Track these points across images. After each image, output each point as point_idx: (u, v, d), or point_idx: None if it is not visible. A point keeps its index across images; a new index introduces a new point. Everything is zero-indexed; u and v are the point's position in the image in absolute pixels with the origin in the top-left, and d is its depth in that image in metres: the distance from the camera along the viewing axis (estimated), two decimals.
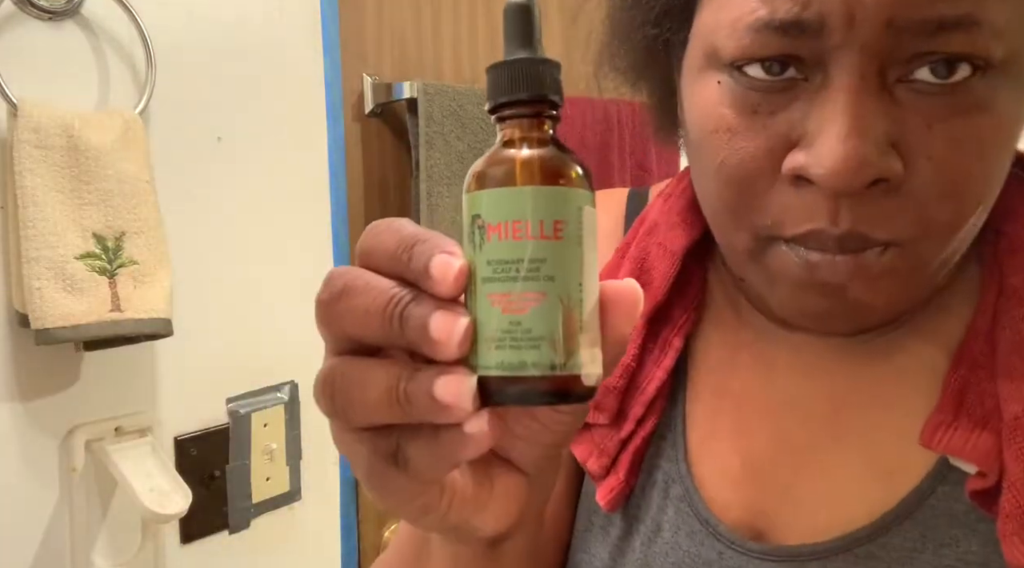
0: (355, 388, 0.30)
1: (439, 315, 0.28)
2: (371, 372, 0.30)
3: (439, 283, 0.29)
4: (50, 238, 0.84)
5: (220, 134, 1.04)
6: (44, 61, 0.89)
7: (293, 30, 1.12)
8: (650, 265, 0.52)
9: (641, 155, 1.52)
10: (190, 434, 1.03)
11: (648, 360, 0.51)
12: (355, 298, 0.30)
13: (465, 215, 0.31)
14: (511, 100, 0.31)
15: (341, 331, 0.31)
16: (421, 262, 0.29)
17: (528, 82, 0.30)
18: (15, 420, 0.88)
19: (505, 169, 0.30)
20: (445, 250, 0.29)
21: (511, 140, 0.31)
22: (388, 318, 0.29)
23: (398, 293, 0.29)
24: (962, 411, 0.41)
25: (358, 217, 1.24)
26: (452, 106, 1.24)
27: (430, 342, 0.28)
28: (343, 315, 0.31)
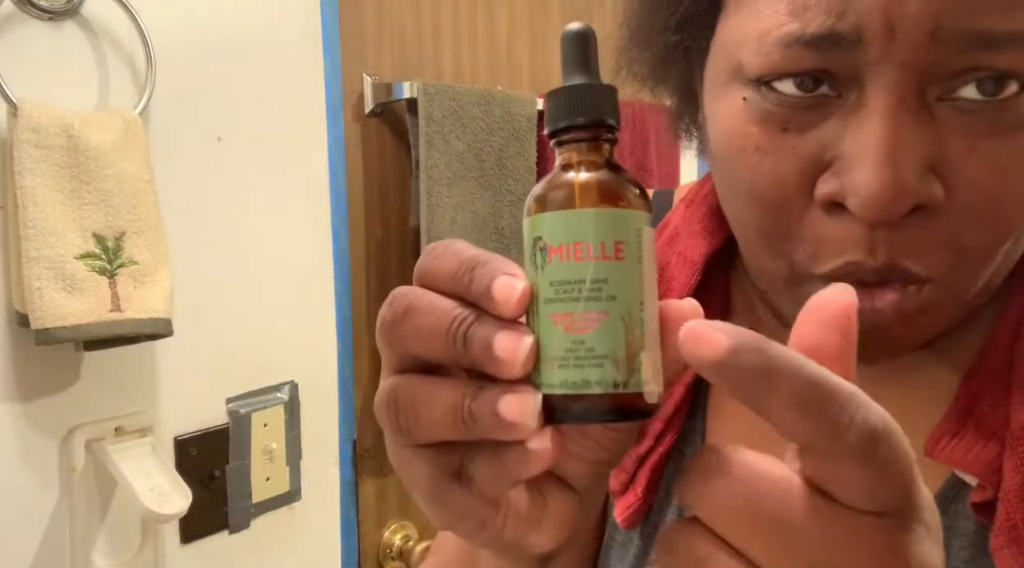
0: (420, 405, 0.31)
1: (503, 334, 0.29)
2: (436, 390, 0.30)
3: (503, 304, 0.29)
4: (50, 238, 0.84)
5: (220, 134, 1.04)
6: (44, 61, 0.89)
7: (293, 30, 1.12)
8: (670, 275, 0.50)
9: (641, 155, 1.52)
10: (190, 434, 1.03)
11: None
12: (419, 318, 0.30)
13: (527, 238, 0.31)
14: (570, 125, 0.31)
15: (405, 350, 0.32)
16: (483, 284, 0.29)
17: (586, 107, 0.31)
18: (15, 420, 0.88)
19: (565, 192, 0.30)
20: (507, 272, 0.29)
21: (570, 164, 0.31)
22: (452, 337, 0.29)
23: (461, 313, 0.30)
24: (970, 421, 0.40)
25: (358, 217, 1.24)
26: (452, 106, 1.24)
27: (495, 361, 0.29)
28: (407, 335, 0.31)
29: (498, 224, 1.31)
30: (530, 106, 1.33)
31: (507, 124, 1.30)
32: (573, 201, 0.30)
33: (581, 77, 0.32)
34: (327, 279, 1.19)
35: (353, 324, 1.22)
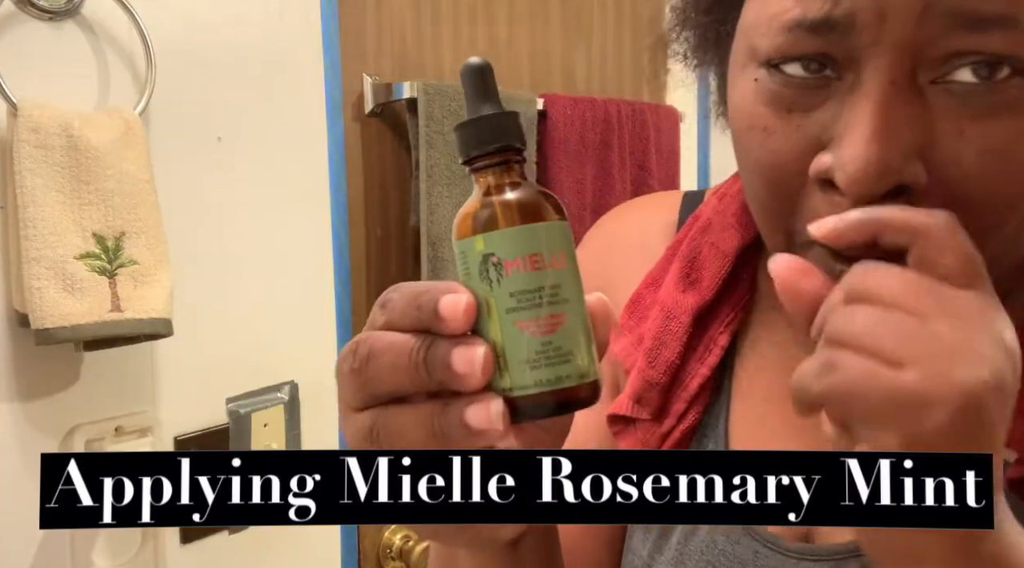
0: (395, 438, 0.34)
1: (458, 350, 0.32)
2: (406, 418, 0.34)
3: (451, 320, 0.32)
4: (50, 238, 0.84)
5: (220, 134, 1.04)
6: (44, 61, 0.89)
7: (293, 30, 1.12)
8: (701, 264, 0.53)
9: (641, 155, 1.52)
10: (190, 434, 1.03)
11: (692, 358, 0.51)
12: (381, 357, 0.33)
13: (470, 256, 0.34)
14: (485, 152, 0.34)
15: (374, 390, 0.34)
16: (430, 308, 0.32)
17: (496, 134, 0.34)
18: (15, 420, 0.88)
19: (508, 211, 0.33)
20: (448, 291, 0.32)
21: (492, 186, 0.34)
22: (415, 366, 0.32)
23: (417, 342, 0.32)
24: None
25: (358, 217, 1.24)
26: (452, 106, 1.24)
27: (456, 376, 0.32)
28: (374, 376, 0.34)
29: None
30: (530, 106, 1.34)
31: None
32: (517, 218, 0.33)
33: (487, 107, 0.35)
34: (327, 279, 1.19)
35: (353, 324, 1.23)
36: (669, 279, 0.54)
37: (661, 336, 0.52)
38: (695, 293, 0.52)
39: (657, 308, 0.53)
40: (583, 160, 1.41)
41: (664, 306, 0.53)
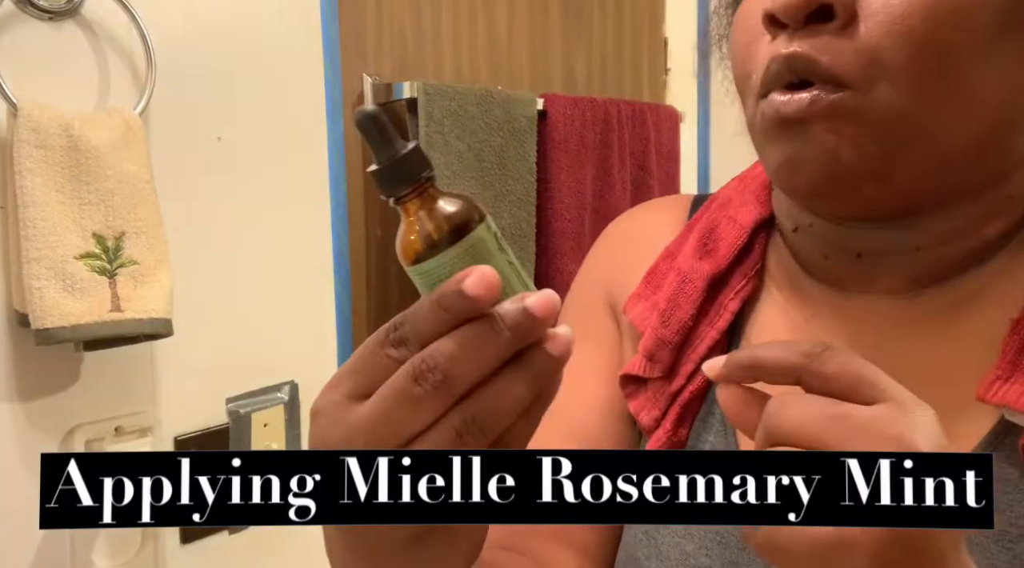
0: (500, 418, 0.36)
1: (529, 301, 0.34)
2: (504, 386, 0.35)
3: (486, 293, 0.34)
4: (50, 238, 0.84)
5: (220, 134, 1.04)
6: (44, 61, 0.89)
7: (293, 30, 1.12)
8: (718, 235, 0.55)
9: (641, 155, 1.52)
10: (190, 434, 1.03)
11: (703, 321, 0.54)
12: (461, 359, 0.34)
13: (446, 268, 0.37)
14: (409, 189, 0.38)
15: (457, 392, 0.35)
16: (458, 300, 0.34)
17: (418, 168, 0.39)
18: (15, 420, 0.88)
19: (464, 221, 0.38)
20: (464, 277, 0.34)
21: (426, 209, 0.38)
22: (503, 341, 0.34)
23: (486, 325, 0.34)
24: (1020, 368, 0.42)
25: (358, 217, 1.24)
26: (452, 106, 1.24)
27: (540, 320, 0.34)
28: (458, 377, 0.34)
29: (498, 224, 1.31)
30: (530, 106, 1.33)
31: (507, 124, 1.30)
32: (472, 224, 0.38)
33: (394, 147, 0.38)
34: (327, 279, 1.19)
35: (353, 324, 1.23)
36: (687, 248, 0.56)
37: (675, 298, 0.54)
38: (711, 261, 0.54)
39: (673, 273, 0.56)
40: (583, 160, 1.41)
41: (680, 271, 0.55)
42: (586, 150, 1.41)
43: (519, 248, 1.34)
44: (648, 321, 0.55)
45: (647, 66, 1.71)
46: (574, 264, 1.39)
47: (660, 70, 1.74)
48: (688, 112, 1.68)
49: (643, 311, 0.56)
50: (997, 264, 0.47)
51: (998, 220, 0.46)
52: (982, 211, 0.46)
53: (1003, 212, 0.46)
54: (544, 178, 1.37)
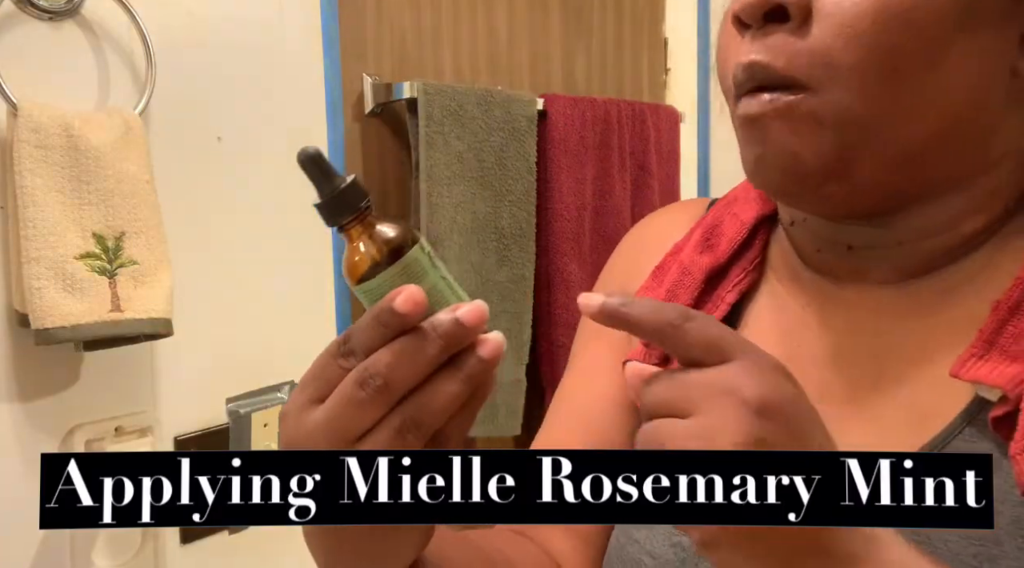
0: (437, 416, 0.39)
1: (460, 312, 0.39)
2: (440, 388, 0.40)
3: (414, 308, 0.39)
4: (50, 238, 0.84)
5: (220, 134, 1.04)
6: (44, 61, 0.89)
7: (293, 30, 1.12)
8: (720, 231, 0.58)
9: (641, 155, 1.52)
10: (190, 434, 1.03)
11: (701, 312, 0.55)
12: (399, 365, 0.39)
13: (419, 263, 0.42)
14: (351, 217, 0.44)
15: (396, 396, 0.39)
16: (391, 317, 0.39)
17: (356, 198, 0.43)
18: (15, 420, 0.88)
19: (400, 243, 0.43)
20: (394, 297, 0.40)
21: (367, 234, 0.43)
22: (436, 347, 0.39)
23: (417, 337, 0.39)
24: (995, 348, 0.43)
25: None
26: (452, 106, 1.24)
27: (468, 329, 0.39)
28: (398, 381, 0.39)
29: (498, 224, 1.31)
30: (530, 106, 1.33)
31: (507, 124, 1.30)
32: (407, 246, 0.42)
33: (333, 182, 0.43)
34: (327, 279, 1.19)
35: (353, 324, 1.22)
36: (690, 243, 0.58)
37: (674, 289, 0.57)
38: (711, 255, 0.57)
39: (675, 267, 0.58)
40: (583, 160, 1.41)
41: (681, 265, 0.58)
42: (586, 150, 1.41)
43: (519, 248, 1.34)
44: None
45: (647, 66, 1.71)
46: (574, 264, 1.39)
47: (660, 70, 1.74)
48: (688, 112, 1.68)
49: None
50: (984, 254, 0.48)
51: (979, 215, 0.48)
52: (961, 207, 0.48)
53: (983, 208, 0.48)
54: (544, 178, 1.37)
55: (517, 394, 1.35)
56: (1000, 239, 0.48)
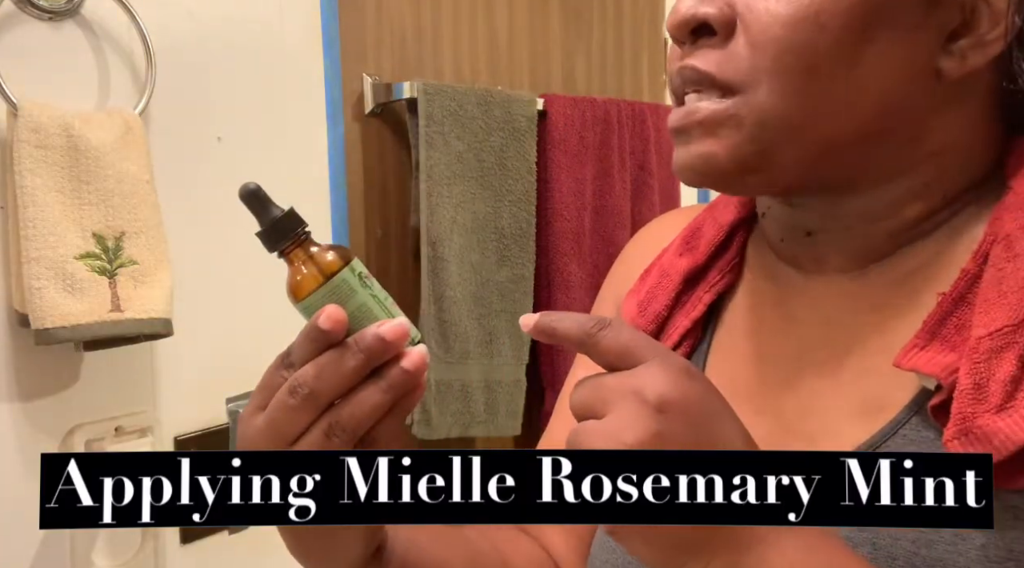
0: (360, 421, 0.45)
1: (383, 328, 0.45)
2: (365, 398, 0.45)
3: (335, 325, 0.45)
4: (50, 238, 0.84)
5: (220, 134, 1.04)
6: (44, 61, 0.89)
7: (293, 30, 1.12)
8: (700, 234, 0.60)
9: (641, 155, 1.52)
10: (190, 434, 1.03)
11: (679, 313, 0.58)
12: (325, 376, 0.45)
13: (348, 283, 0.48)
14: (288, 243, 0.50)
15: (322, 403, 0.45)
16: (318, 333, 0.46)
17: (293, 226, 0.49)
18: (15, 420, 0.88)
19: (337, 263, 0.48)
20: (317, 318, 0.46)
21: (304, 258, 0.49)
22: (358, 361, 0.45)
23: (338, 352, 0.45)
24: (936, 338, 0.45)
25: (358, 217, 1.24)
26: (452, 106, 1.24)
27: (389, 343, 0.45)
28: (324, 391, 0.45)
29: (498, 224, 1.31)
30: (530, 106, 1.33)
31: (507, 124, 1.30)
32: (338, 269, 0.48)
33: (271, 212, 0.49)
34: None
35: None
36: (672, 247, 0.61)
37: (653, 291, 0.60)
38: (690, 257, 0.59)
39: (656, 269, 0.60)
40: (583, 160, 1.41)
41: (661, 267, 0.61)
42: (586, 150, 1.41)
43: (519, 248, 1.34)
44: (630, 312, 0.60)
45: (647, 66, 1.71)
46: (574, 264, 1.39)
47: (660, 70, 1.74)
48: None
49: (629, 306, 0.61)
50: (934, 244, 0.50)
51: (917, 203, 0.50)
52: (899, 195, 0.50)
53: (920, 196, 0.50)
54: (544, 178, 1.37)
55: (517, 394, 1.35)
56: (951, 230, 0.50)
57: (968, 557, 0.42)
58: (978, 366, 0.42)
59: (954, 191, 0.50)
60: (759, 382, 0.54)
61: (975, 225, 0.49)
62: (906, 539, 0.43)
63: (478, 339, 1.30)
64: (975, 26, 0.46)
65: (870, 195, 0.50)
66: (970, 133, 0.49)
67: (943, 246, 0.50)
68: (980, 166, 0.50)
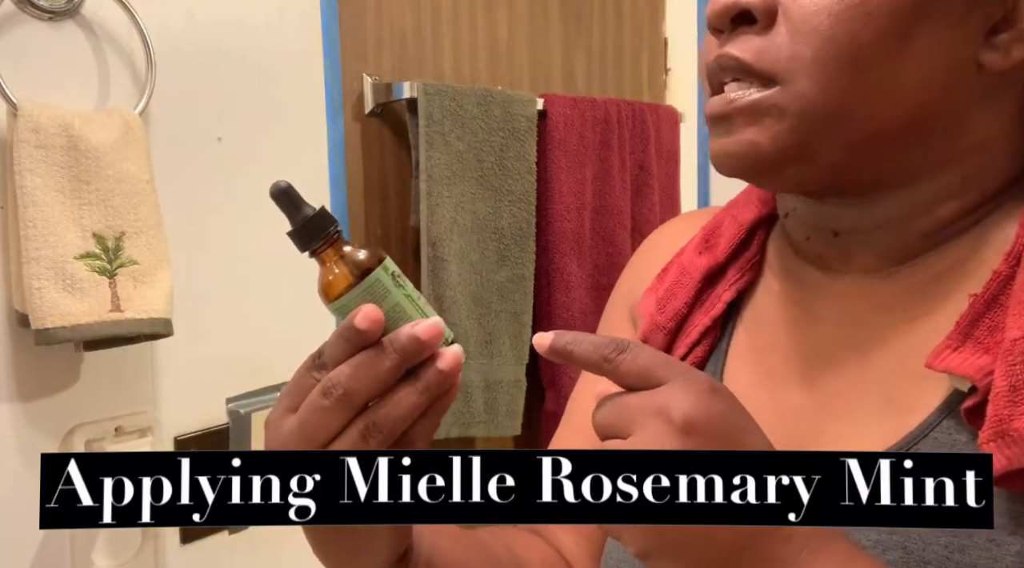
0: (397, 423, 0.44)
1: (418, 328, 0.44)
2: (400, 399, 0.44)
3: (372, 325, 0.44)
4: (50, 238, 0.84)
5: (220, 134, 1.04)
6: (44, 61, 0.89)
7: (293, 30, 1.12)
8: (720, 233, 0.60)
9: (641, 155, 1.52)
10: (190, 434, 1.03)
11: (698, 310, 0.58)
12: (359, 376, 0.43)
13: (382, 283, 0.46)
14: (321, 243, 0.48)
15: (358, 404, 0.44)
16: (353, 333, 0.44)
17: (325, 224, 0.48)
18: (15, 420, 0.88)
19: (370, 263, 0.47)
20: (355, 316, 0.44)
21: (337, 257, 0.48)
22: (393, 362, 0.44)
23: (374, 351, 0.44)
24: (970, 339, 0.45)
25: (358, 217, 1.24)
26: (452, 106, 1.24)
27: (425, 344, 0.44)
28: (360, 391, 0.44)
29: (498, 224, 1.31)
30: (530, 106, 1.33)
31: (507, 124, 1.30)
32: (372, 268, 0.46)
33: (304, 211, 0.49)
34: None
35: None
36: (691, 245, 0.60)
37: (673, 288, 0.59)
38: (709, 255, 0.59)
39: (675, 267, 0.60)
40: (583, 160, 1.41)
41: (681, 265, 0.60)
42: (586, 150, 1.41)
43: (519, 248, 1.34)
44: (648, 309, 0.60)
45: (647, 66, 1.71)
46: (574, 264, 1.39)
47: (660, 70, 1.74)
48: (688, 112, 1.68)
49: (648, 303, 0.61)
50: (966, 245, 0.49)
51: (952, 201, 0.49)
52: (935, 192, 0.49)
53: (957, 194, 0.49)
54: (544, 178, 1.37)
55: (517, 394, 1.35)
56: (983, 229, 0.49)
57: (1004, 563, 0.41)
58: (1014, 368, 0.42)
59: (990, 189, 0.49)
60: (779, 382, 0.54)
61: (1007, 224, 0.48)
62: (938, 544, 0.43)
63: (478, 339, 1.30)
64: (1017, 20, 0.46)
65: (905, 193, 0.49)
66: (1008, 128, 0.49)
67: (974, 246, 0.49)
68: (1015, 163, 0.50)
